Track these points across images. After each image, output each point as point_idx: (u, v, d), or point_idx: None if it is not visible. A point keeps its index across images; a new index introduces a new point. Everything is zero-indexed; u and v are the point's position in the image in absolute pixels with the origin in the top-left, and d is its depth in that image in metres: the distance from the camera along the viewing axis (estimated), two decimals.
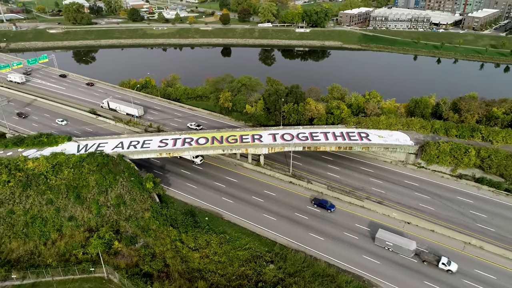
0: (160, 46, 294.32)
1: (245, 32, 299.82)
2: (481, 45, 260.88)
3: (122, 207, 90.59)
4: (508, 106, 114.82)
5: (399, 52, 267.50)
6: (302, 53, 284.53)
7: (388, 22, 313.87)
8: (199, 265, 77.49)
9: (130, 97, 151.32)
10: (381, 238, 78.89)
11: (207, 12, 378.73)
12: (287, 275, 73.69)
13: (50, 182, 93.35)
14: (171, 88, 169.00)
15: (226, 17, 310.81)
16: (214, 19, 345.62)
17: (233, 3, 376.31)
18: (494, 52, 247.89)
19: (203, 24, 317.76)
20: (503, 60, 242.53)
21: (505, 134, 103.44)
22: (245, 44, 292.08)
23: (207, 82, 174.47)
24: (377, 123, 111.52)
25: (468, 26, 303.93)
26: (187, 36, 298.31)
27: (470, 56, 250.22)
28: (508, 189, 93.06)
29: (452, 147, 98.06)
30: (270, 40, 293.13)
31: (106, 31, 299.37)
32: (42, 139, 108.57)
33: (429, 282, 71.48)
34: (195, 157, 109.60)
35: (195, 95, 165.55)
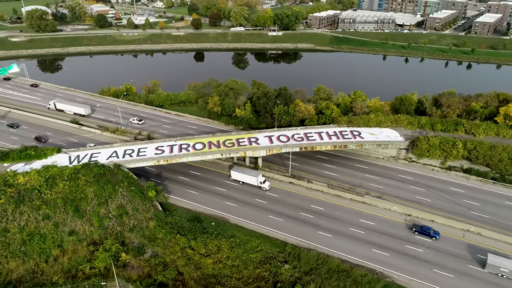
0: (131, 52, 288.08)
1: (218, 36, 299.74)
2: (445, 44, 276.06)
3: (125, 218, 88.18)
4: (484, 100, 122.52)
5: (369, 52, 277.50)
6: (275, 56, 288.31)
7: (356, 24, 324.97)
8: (213, 271, 76.96)
9: (113, 106, 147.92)
10: (494, 265, 72.73)
11: (176, 17, 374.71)
12: (303, 273, 74.85)
13: (45, 197, 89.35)
14: (153, 95, 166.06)
15: (198, 22, 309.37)
16: (185, 24, 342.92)
17: (202, 8, 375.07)
18: (456, 50, 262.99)
19: (174, 29, 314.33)
20: (465, 58, 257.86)
21: (486, 127, 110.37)
22: (219, 48, 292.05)
23: (189, 88, 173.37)
24: (367, 121, 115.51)
25: (430, 26, 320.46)
26: (159, 41, 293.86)
27: (435, 55, 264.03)
28: (494, 177, 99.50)
29: (440, 141, 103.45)
30: (244, 44, 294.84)
31: (74, 38, 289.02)
32: (29, 152, 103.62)
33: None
34: (262, 182, 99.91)
35: (179, 100, 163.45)
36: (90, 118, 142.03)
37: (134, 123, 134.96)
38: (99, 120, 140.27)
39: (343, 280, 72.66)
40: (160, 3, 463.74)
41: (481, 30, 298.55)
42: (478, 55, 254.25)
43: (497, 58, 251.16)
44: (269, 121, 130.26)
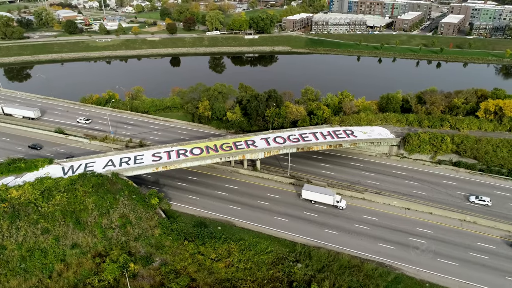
0: (105, 59, 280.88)
1: (194, 41, 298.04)
2: (414, 44, 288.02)
3: (128, 227, 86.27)
4: (464, 97, 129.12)
5: (344, 54, 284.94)
6: (253, 59, 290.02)
7: (329, 26, 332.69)
8: (226, 275, 76.80)
9: (96, 114, 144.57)
10: None
11: (148, 22, 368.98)
12: (316, 271, 76.13)
13: (42, 210, 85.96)
14: (137, 101, 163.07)
15: (173, 26, 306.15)
16: (158, 29, 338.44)
17: (175, 12, 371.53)
18: (426, 50, 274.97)
19: (149, 34, 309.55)
20: (435, 57, 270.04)
21: (469, 122, 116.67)
22: (196, 53, 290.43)
23: (173, 93, 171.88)
24: (358, 120, 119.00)
25: (399, 27, 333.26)
26: (134, 47, 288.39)
27: (407, 55, 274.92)
28: (482, 169, 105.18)
29: (430, 136, 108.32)
30: (221, 47, 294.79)
31: (44, 46, 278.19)
32: (19, 165, 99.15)
33: None
34: (338, 201, 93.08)
35: (164, 106, 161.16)
36: (74, 127, 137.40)
37: (81, 122, 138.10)
38: (84, 129, 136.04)
39: (355, 275, 74.59)
40: (130, 8, 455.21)
41: (446, 31, 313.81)
42: (447, 54, 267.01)
43: (464, 57, 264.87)
44: (260, 124, 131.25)
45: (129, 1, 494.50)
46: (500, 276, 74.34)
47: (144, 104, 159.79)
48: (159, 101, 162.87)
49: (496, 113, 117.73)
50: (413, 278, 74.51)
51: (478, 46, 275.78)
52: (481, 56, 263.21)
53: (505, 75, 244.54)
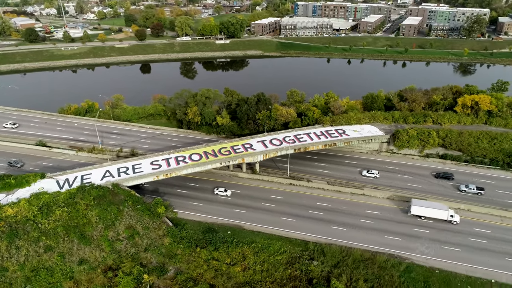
0: (72, 67, 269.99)
1: (165, 46, 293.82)
2: (380, 45, 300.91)
3: (137, 238, 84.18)
4: (441, 93, 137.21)
5: (315, 56, 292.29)
6: (225, 64, 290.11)
7: (297, 30, 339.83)
8: (244, 278, 76.98)
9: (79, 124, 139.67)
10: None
11: (113, 28, 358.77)
12: (332, 267, 78.13)
13: (42, 227, 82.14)
14: (118, 110, 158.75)
15: (142, 32, 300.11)
16: (125, 35, 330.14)
17: (141, 18, 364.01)
18: (392, 51, 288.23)
19: (116, 41, 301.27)
20: (400, 57, 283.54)
21: (449, 116, 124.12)
22: (168, 59, 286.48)
23: (154, 100, 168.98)
24: (348, 119, 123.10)
25: (363, 30, 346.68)
26: (102, 55, 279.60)
27: (375, 56, 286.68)
28: (466, 160, 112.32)
29: (418, 132, 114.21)
30: (193, 53, 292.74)
31: (4, 55, 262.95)
32: (9, 181, 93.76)
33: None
34: (452, 215, 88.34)
35: (147, 114, 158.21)
36: (56, 139, 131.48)
37: (8, 127, 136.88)
38: (67, 141, 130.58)
39: (370, 267, 77.36)
40: (92, 15, 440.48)
41: (407, 32, 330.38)
42: (411, 54, 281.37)
43: (427, 56, 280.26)
44: (252, 127, 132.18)
45: (90, 8, 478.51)
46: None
47: (125, 113, 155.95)
48: (141, 109, 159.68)
49: (473, 107, 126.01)
50: (423, 266, 78.34)
51: (438, 46, 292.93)
52: (442, 55, 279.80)
53: (464, 73, 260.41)
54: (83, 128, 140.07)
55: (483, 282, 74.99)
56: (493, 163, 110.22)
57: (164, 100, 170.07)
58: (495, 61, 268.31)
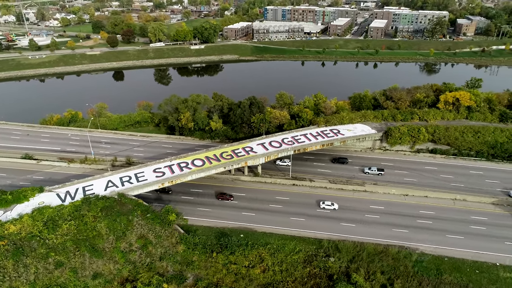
0: (41, 76, 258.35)
1: (139, 53, 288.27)
2: (351, 47, 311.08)
3: (150, 247, 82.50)
4: (423, 91, 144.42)
5: (290, 59, 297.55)
6: (200, 69, 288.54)
7: (270, 34, 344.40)
8: (266, 279, 77.53)
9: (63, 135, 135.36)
10: None
11: (81, 35, 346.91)
12: (348, 262, 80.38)
13: (50, 242, 78.59)
14: (103, 118, 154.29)
15: (114, 39, 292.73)
16: (94, 42, 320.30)
17: (109, 25, 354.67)
18: (364, 52, 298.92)
19: (87, 48, 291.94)
20: (371, 59, 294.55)
21: (433, 113, 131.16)
22: (143, 65, 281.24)
23: (139, 107, 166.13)
24: (341, 119, 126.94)
25: (333, 33, 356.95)
26: (73, 63, 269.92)
27: (348, 57, 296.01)
28: (455, 153, 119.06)
29: (408, 129, 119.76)
30: (168, 59, 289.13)
31: None
32: (5, 197, 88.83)
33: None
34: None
35: (133, 121, 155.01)
36: (42, 151, 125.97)
37: None
38: (55, 153, 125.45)
39: (385, 260, 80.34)
40: (55, 22, 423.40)
41: (375, 34, 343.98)
42: (382, 55, 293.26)
43: (396, 57, 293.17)
44: (246, 131, 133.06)
45: (52, 14, 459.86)
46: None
47: (111, 121, 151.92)
48: (126, 116, 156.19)
49: (454, 104, 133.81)
50: (432, 255, 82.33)
51: (406, 47, 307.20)
52: (410, 55, 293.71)
53: (430, 72, 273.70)
54: (70, 138, 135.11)
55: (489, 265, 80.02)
56: (479, 155, 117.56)
57: (149, 107, 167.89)
58: (459, 60, 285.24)
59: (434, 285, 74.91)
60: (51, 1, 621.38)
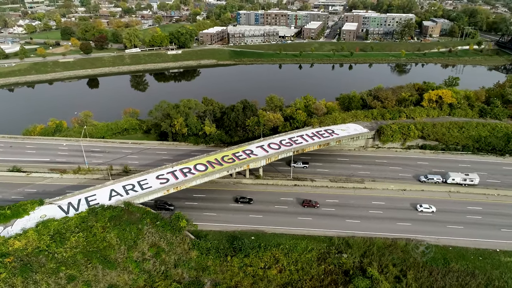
0: (12, 85, 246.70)
1: (114, 59, 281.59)
2: (326, 50, 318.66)
3: (163, 255, 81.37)
4: (407, 90, 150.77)
5: (268, 62, 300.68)
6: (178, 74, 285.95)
7: (246, 38, 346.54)
8: (284, 279, 78.49)
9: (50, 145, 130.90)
10: None
11: (50, 42, 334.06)
12: (360, 257, 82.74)
13: (59, 256, 75.86)
14: (89, 127, 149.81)
15: (88, 46, 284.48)
16: (65, 49, 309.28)
17: (80, 31, 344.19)
18: (339, 54, 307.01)
19: (59, 56, 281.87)
20: (347, 61, 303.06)
21: (419, 111, 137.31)
22: (120, 72, 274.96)
23: (125, 114, 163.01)
24: (334, 119, 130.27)
25: (307, 36, 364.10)
26: (46, 71, 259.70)
27: (324, 60, 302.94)
28: (443, 148, 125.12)
29: (399, 126, 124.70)
30: (145, 65, 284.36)
31: None
32: (4, 212, 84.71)
33: None
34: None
35: (121, 129, 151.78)
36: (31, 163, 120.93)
37: None
38: (44, 164, 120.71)
39: (394, 253, 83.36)
40: (19, 29, 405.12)
41: (348, 37, 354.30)
42: (356, 57, 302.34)
43: (370, 58, 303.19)
44: (241, 134, 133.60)
45: (15, 21, 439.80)
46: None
47: (97, 129, 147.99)
48: (113, 124, 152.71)
49: (437, 101, 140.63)
50: (437, 246, 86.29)
51: (378, 48, 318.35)
52: (383, 57, 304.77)
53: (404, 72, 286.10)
54: (58, 148, 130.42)
55: (490, 252, 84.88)
56: (465, 149, 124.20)
57: (136, 114, 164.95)
58: (428, 60, 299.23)
59: (444, 274, 78.60)
60: (11, 7, 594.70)
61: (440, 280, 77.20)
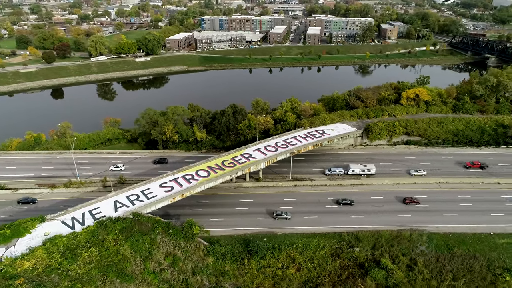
0: None
1: (80, 68, 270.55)
2: (294, 54, 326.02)
3: (180, 264, 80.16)
4: (385, 90, 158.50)
5: (239, 67, 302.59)
6: (146, 82, 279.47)
7: (213, 44, 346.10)
8: (303, 277, 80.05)
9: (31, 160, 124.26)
10: None
11: (5, 52, 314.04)
12: (371, 249, 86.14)
13: (73, 273, 72.50)
14: (70, 139, 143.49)
15: (51, 54, 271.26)
16: (23, 58, 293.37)
17: (37, 39, 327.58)
18: (307, 58, 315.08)
19: (20, 66, 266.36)
20: (315, 63, 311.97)
21: (400, 109, 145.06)
22: (87, 81, 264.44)
23: (105, 124, 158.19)
24: (323, 120, 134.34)
25: (273, 40, 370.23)
26: (6, 82, 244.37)
27: (293, 63, 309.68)
28: (426, 143, 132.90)
29: (385, 124, 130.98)
30: (114, 73, 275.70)
31: None
32: (3, 232, 79.74)
33: None
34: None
35: (103, 139, 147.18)
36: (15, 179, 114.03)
37: None
38: (30, 179, 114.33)
39: (402, 243, 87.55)
40: None
41: (313, 40, 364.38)
42: (324, 60, 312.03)
43: (337, 61, 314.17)
44: (233, 139, 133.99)
45: None
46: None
47: (79, 141, 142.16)
48: (95, 135, 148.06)
49: (414, 99, 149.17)
50: (438, 233, 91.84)
51: (343, 51, 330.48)
52: (349, 59, 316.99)
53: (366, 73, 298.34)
54: (42, 162, 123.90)
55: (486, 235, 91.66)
56: (446, 142, 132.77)
57: (117, 123, 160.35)
58: (391, 61, 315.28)
59: (450, 259, 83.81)
60: None
61: (447, 265, 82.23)
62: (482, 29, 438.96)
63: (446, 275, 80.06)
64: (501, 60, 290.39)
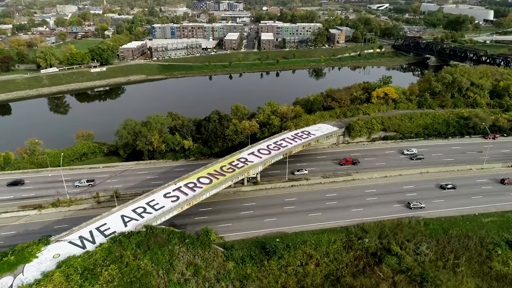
0: None
1: (30, 81, 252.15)
2: (252, 59, 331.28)
3: (203, 272, 79.19)
4: (356, 90, 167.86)
5: (200, 75, 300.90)
6: (103, 93, 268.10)
7: (169, 52, 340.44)
8: (324, 272, 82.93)
9: None
10: None
11: None
12: (378, 239, 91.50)
13: None
14: (42, 156, 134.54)
15: None
16: None
17: None
18: (266, 63, 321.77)
19: None
20: (274, 68, 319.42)
21: (372, 107, 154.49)
22: (39, 95, 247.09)
23: (78, 137, 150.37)
24: (307, 121, 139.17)
25: (229, 47, 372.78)
26: None
27: (253, 69, 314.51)
28: (401, 137, 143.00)
29: (364, 122, 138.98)
30: (68, 85, 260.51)
31: None
32: (7, 259, 73.50)
33: None
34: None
35: (79, 154, 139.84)
36: None
37: None
38: (9, 201, 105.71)
39: (404, 230, 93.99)
40: None
41: (267, 46, 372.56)
42: (282, 64, 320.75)
43: (294, 65, 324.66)
44: (220, 145, 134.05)
45: None
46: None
47: (51, 157, 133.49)
48: (69, 150, 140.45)
49: (383, 97, 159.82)
50: (432, 218, 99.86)
51: (299, 55, 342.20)
52: (305, 63, 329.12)
53: (321, 75, 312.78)
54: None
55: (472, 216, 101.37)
56: (418, 136, 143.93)
57: (91, 136, 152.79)
58: (344, 64, 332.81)
59: (448, 240, 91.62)
60: None
61: (447, 246, 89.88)
62: (417, 32, 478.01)
63: (448, 255, 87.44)
64: (440, 59, 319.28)
